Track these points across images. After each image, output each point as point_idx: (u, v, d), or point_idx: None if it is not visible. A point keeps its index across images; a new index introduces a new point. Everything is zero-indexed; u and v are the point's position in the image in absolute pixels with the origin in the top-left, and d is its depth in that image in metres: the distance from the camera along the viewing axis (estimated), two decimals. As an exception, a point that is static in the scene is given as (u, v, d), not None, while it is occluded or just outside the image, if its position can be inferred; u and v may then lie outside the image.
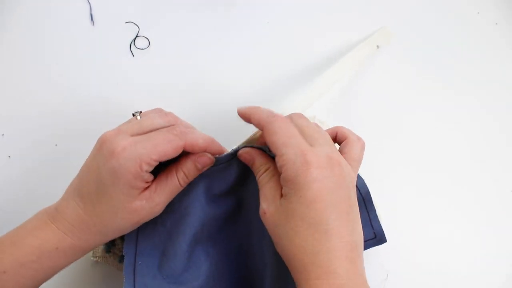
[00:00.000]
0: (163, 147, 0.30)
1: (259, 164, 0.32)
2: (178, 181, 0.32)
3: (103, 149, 0.30)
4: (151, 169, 0.30)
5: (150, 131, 0.31)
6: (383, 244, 0.37)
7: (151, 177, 0.31)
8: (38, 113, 0.42)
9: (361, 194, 0.36)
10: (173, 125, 0.32)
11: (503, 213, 0.46)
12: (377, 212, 0.43)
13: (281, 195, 0.29)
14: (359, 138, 0.34)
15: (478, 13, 0.44)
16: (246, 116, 0.33)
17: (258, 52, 0.43)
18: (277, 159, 0.29)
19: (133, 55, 0.42)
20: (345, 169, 0.29)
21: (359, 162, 0.33)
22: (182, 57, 0.43)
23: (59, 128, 0.42)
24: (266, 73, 0.44)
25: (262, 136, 0.35)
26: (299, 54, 0.44)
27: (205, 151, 0.33)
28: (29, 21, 0.41)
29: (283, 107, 0.41)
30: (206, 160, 0.33)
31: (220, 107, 0.44)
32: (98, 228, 0.31)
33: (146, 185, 0.31)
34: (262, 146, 0.33)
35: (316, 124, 0.33)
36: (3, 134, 0.42)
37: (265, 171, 0.31)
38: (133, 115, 0.33)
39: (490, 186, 0.46)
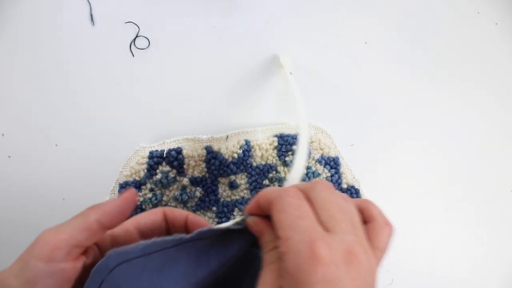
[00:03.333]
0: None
1: (268, 238, 0.26)
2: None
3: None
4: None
5: None
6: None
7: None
8: (38, 113, 0.42)
9: None
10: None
11: (503, 213, 0.46)
12: None
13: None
14: (387, 223, 0.27)
15: (478, 13, 0.44)
16: (254, 206, 0.27)
17: (258, 51, 0.43)
18: (281, 242, 0.23)
19: (133, 55, 0.42)
20: (367, 268, 0.22)
21: (384, 251, 0.26)
22: (182, 57, 0.43)
23: (59, 128, 0.42)
24: (267, 73, 0.44)
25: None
26: (304, 54, 0.44)
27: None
28: (29, 21, 0.41)
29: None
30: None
31: (221, 107, 0.44)
32: None
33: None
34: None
35: (343, 197, 0.26)
36: (3, 134, 0.42)
37: (272, 249, 0.25)
38: None
39: (491, 186, 0.46)
